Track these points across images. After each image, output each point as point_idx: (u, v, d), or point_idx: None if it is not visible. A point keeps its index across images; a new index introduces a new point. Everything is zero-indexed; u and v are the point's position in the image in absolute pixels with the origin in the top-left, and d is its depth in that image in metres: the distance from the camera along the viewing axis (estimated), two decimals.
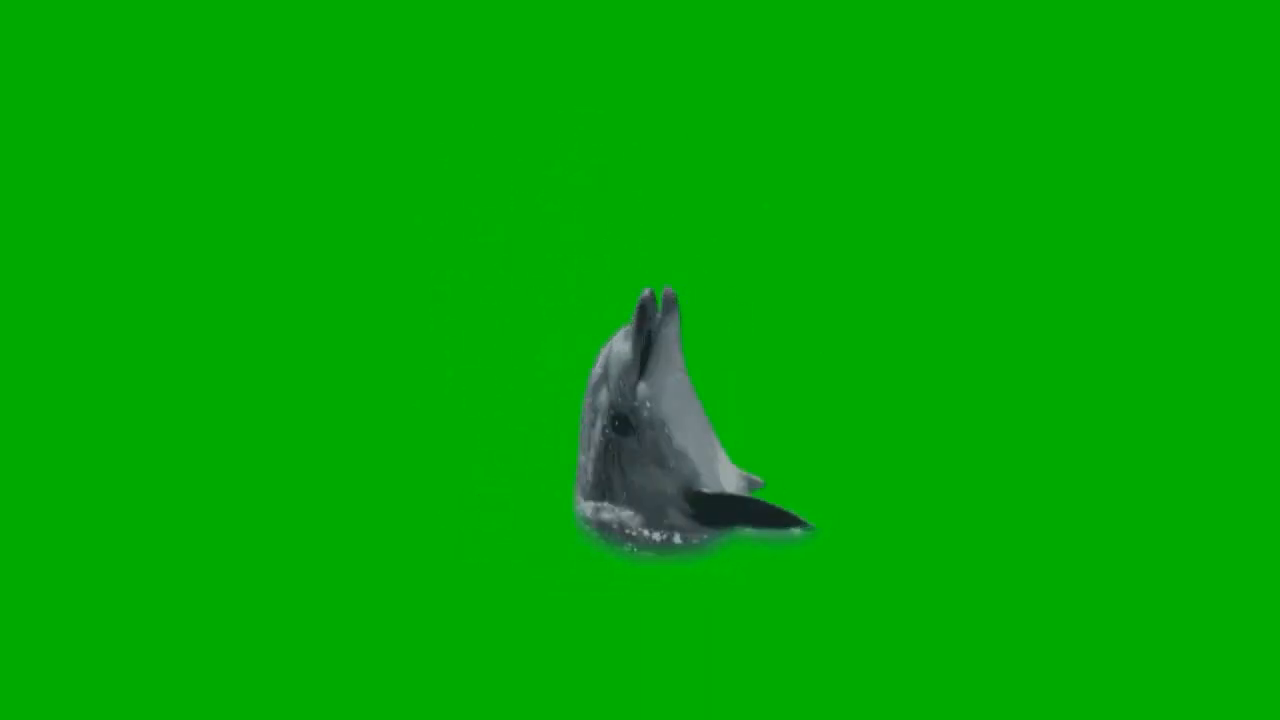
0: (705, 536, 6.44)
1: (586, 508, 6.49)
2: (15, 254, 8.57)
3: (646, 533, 6.42)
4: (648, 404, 6.35)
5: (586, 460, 6.47)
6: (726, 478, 6.51)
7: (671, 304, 6.33)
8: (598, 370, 6.44)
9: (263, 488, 6.94)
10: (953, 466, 6.96)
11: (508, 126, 9.47)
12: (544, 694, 5.83)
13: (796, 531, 6.40)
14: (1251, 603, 6.14)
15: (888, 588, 6.27)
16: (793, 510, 6.41)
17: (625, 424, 6.36)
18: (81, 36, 9.52)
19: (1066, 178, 9.01)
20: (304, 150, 9.32)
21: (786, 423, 7.29)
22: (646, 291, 6.31)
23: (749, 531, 6.42)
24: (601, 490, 6.44)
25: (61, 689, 5.86)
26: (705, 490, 6.38)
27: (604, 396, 6.40)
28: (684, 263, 8.47)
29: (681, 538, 6.41)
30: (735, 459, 6.62)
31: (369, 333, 8.16)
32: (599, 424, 6.40)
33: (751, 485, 6.64)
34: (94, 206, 8.96)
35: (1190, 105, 9.18)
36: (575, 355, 6.81)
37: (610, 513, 6.44)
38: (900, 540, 6.51)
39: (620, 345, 6.39)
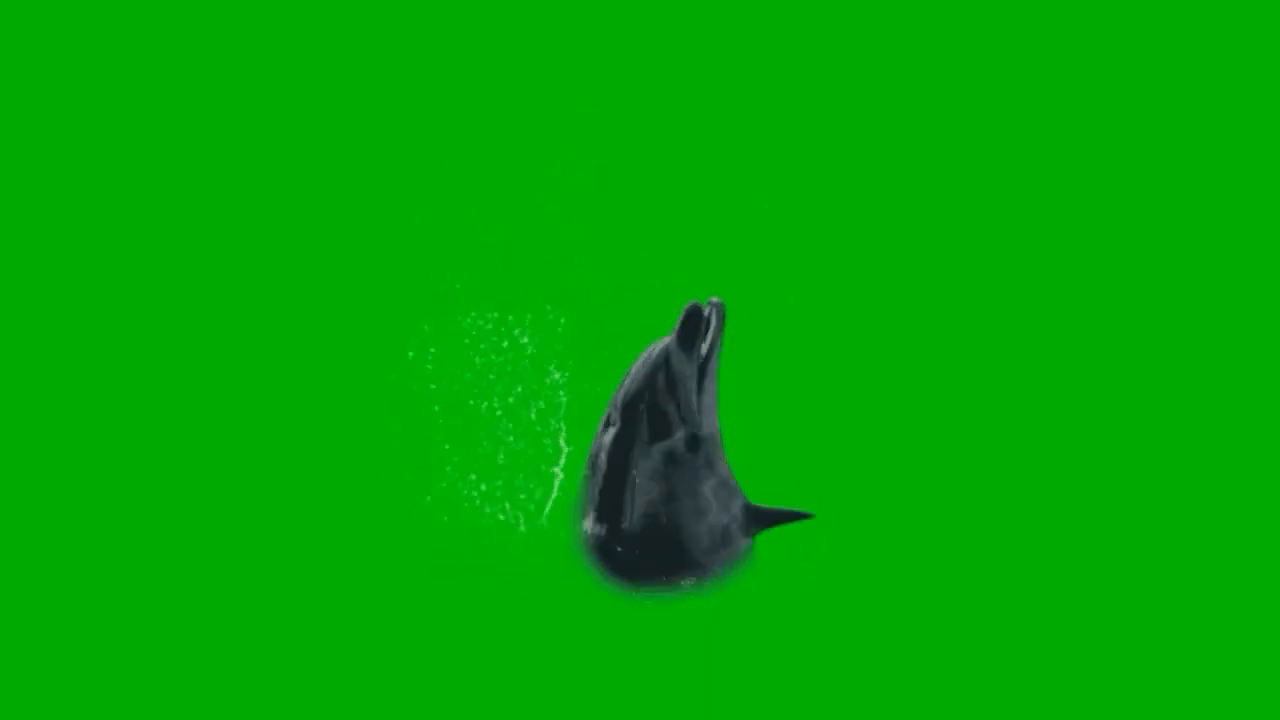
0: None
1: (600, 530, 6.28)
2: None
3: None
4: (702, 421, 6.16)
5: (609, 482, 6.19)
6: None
7: (719, 317, 6.14)
8: (638, 389, 6.19)
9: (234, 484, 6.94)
10: (954, 475, 6.98)
11: (504, 129, 9.47)
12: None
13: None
14: (1247, 607, 6.17)
15: (888, 594, 6.28)
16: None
17: (695, 441, 6.16)
18: (82, 37, 9.52)
19: (1065, 186, 9.02)
20: (288, 152, 9.32)
21: (792, 428, 7.30)
22: (698, 305, 6.09)
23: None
24: (633, 510, 6.20)
25: None
26: (760, 506, 6.26)
27: (671, 413, 6.14)
28: (682, 264, 8.48)
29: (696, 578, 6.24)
30: (747, 464, 6.56)
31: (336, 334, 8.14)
32: (654, 443, 6.13)
33: None
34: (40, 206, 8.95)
35: (1188, 106, 9.21)
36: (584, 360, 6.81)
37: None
38: (903, 550, 6.52)
39: (679, 363, 6.14)
